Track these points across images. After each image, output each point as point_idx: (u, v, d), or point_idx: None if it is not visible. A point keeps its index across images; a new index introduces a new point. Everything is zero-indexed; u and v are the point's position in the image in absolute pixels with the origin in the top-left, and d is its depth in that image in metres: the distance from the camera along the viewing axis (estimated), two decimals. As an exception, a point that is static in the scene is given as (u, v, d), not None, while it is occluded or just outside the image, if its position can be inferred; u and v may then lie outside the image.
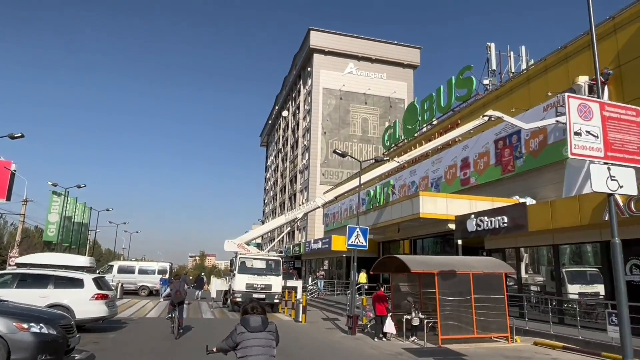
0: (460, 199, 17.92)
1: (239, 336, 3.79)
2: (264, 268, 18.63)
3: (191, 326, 13.63)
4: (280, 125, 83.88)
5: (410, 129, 31.00)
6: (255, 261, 18.63)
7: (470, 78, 24.52)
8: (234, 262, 18.66)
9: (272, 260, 19.12)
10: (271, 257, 19.45)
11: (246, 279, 17.83)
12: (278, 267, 19.04)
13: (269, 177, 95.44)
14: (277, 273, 18.69)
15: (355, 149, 63.13)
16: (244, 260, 18.48)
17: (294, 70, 74.01)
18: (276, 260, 19.25)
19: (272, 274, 18.44)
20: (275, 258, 19.54)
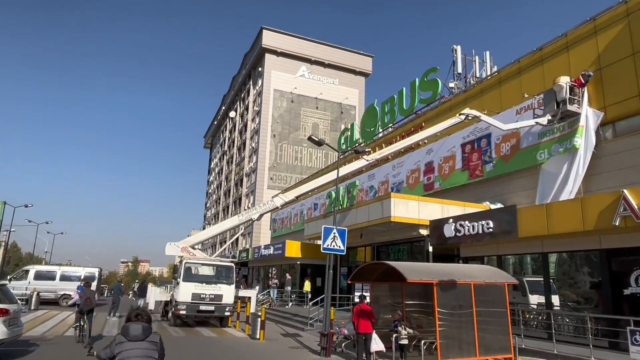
0: (432, 203, 16.71)
1: (117, 346, 3.53)
2: (214, 275, 16.26)
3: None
4: (227, 127, 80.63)
5: (369, 132, 29.82)
6: (204, 267, 16.22)
7: (435, 80, 23.71)
8: (178, 268, 16.19)
9: (223, 267, 16.86)
10: (222, 263, 17.20)
11: (192, 287, 15.40)
12: (230, 274, 16.73)
13: (212, 180, 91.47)
14: (229, 281, 16.39)
15: (305, 153, 61.63)
16: (190, 266, 16.06)
17: (243, 69, 71.43)
18: (228, 267, 16.95)
19: (223, 282, 16.11)
20: (226, 264, 17.25)
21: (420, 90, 24.86)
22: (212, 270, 16.32)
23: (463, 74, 24.05)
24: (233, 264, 16.97)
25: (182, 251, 17.86)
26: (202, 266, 16.17)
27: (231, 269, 16.79)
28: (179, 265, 16.27)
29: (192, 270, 15.84)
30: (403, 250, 18.32)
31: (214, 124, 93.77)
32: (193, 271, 15.87)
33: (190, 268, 15.83)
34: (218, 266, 16.73)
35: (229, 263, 17.01)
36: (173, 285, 17.12)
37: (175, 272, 16.13)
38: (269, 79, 61.65)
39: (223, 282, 16.06)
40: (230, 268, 16.76)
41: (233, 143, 73.75)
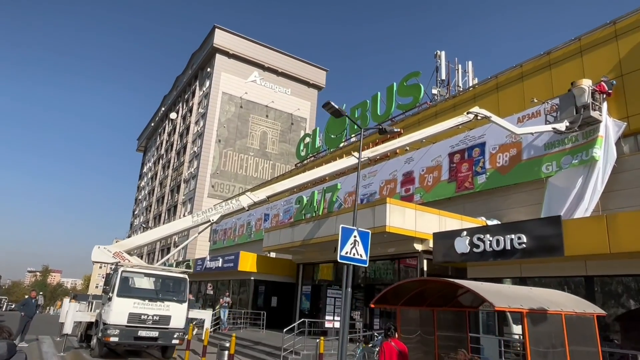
0: (430, 213, 14.38)
1: None
2: (160, 290, 12.48)
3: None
4: (166, 129, 74.94)
5: (335, 139, 27.38)
6: (147, 278, 12.42)
7: (417, 85, 21.86)
8: (111, 278, 12.20)
9: (173, 279, 12.94)
10: (172, 274, 13.26)
11: (130, 306, 11.42)
12: (182, 289, 12.71)
13: (144, 186, 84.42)
14: (179, 298, 12.43)
15: (251, 162, 58.09)
16: (129, 275, 12.11)
17: (190, 69, 66.90)
18: (179, 279, 12.96)
19: (173, 299, 12.23)
20: (178, 275, 13.18)
21: (399, 96, 22.92)
22: (158, 283, 12.57)
23: (446, 80, 22.50)
24: (186, 276, 13.34)
25: (115, 257, 13.97)
26: (146, 277, 12.39)
27: (183, 282, 13.06)
28: (113, 275, 12.37)
29: (130, 282, 12.00)
30: (387, 268, 15.73)
31: (150, 125, 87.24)
32: (132, 283, 12.02)
33: (128, 279, 11.95)
34: (166, 278, 12.93)
35: (180, 274, 13.44)
36: (102, 302, 13.09)
37: (107, 283, 12.19)
38: (218, 81, 57.85)
39: (172, 300, 12.20)
40: (182, 281, 13.03)
41: (172, 146, 68.34)
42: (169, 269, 13.44)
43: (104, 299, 12.73)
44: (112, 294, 11.68)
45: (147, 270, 12.85)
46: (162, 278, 12.89)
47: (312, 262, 19.32)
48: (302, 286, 20.09)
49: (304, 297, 19.83)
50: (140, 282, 12.24)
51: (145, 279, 12.38)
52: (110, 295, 11.85)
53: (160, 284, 12.62)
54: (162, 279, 12.85)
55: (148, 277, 12.46)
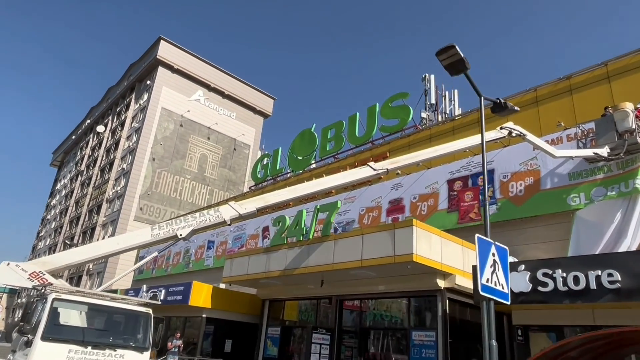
0: (454, 242, 11.97)
1: None
2: (108, 330, 8.47)
3: None
4: (89, 143, 67.56)
5: (301, 161, 24.65)
6: (89, 312, 8.36)
7: (405, 107, 19.99)
8: (31, 312, 7.96)
9: (131, 314, 8.99)
10: (129, 306, 9.20)
11: (63, 356, 7.33)
12: (143, 330, 8.74)
13: (55, 204, 74.79)
14: (139, 344, 8.51)
15: (187, 186, 53.21)
16: (63, 307, 7.96)
17: (125, 81, 61.41)
18: (139, 315, 8.99)
19: (130, 345, 8.30)
20: (137, 309, 9.19)
21: (382, 117, 20.93)
22: (107, 320, 8.53)
23: (440, 103, 21.00)
24: (149, 308, 9.29)
25: (32, 279, 9.83)
26: (89, 309, 8.30)
27: (145, 319, 8.96)
28: (34, 305, 8.24)
29: (64, 317, 7.97)
30: (392, 308, 12.89)
31: (71, 138, 78.61)
32: (67, 319, 7.95)
33: (60, 312, 8.00)
34: (121, 312, 8.84)
35: (141, 307, 9.26)
36: (12, 347, 8.52)
37: (24, 318, 7.84)
38: (158, 95, 53.24)
39: (128, 346, 8.26)
40: (142, 318, 8.91)
41: (95, 162, 61.29)
42: (125, 299, 9.36)
43: (16, 344, 8.33)
44: (34, 335, 7.45)
45: (94, 300, 8.59)
46: (114, 312, 8.77)
47: (286, 297, 15.97)
48: (267, 327, 16.53)
49: (270, 342, 16.24)
50: (78, 318, 8.20)
51: (87, 313, 8.32)
52: (28, 338, 7.54)
53: (109, 321, 8.60)
54: (113, 314, 8.78)
55: (93, 310, 8.40)
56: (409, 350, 11.71)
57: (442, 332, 11.00)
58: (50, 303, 7.83)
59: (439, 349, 11.01)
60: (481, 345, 6.34)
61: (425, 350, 11.35)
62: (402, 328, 12.52)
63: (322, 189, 11.73)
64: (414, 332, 11.80)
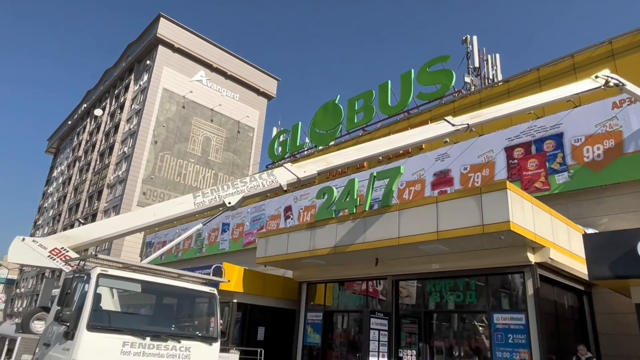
0: (545, 211, 10.31)
1: None
2: (169, 317, 6.70)
3: None
4: (86, 127, 65.20)
5: (325, 135, 22.89)
6: (143, 292, 6.40)
7: (447, 71, 18.24)
8: (67, 295, 5.74)
9: (195, 295, 7.09)
10: (196, 286, 7.14)
11: (116, 351, 5.39)
12: (208, 314, 6.93)
13: (52, 192, 72.60)
14: (207, 333, 6.69)
15: (191, 170, 51.27)
16: (113, 286, 6.12)
17: (123, 62, 58.98)
18: (204, 297, 7.12)
19: (196, 335, 6.48)
20: (201, 288, 7.19)
21: (419, 83, 19.14)
22: (166, 304, 6.77)
23: (482, 68, 19.20)
24: (213, 287, 7.49)
25: (54, 257, 8.09)
26: (143, 288, 6.36)
27: (212, 301, 7.12)
28: (71, 286, 5.94)
29: (112, 301, 6.24)
30: (459, 288, 11.21)
31: (67, 124, 76.10)
32: (116, 303, 6.29)
33: (107, 294, 6.08)
34: (181, 291, 6.87)
35: (207, 287, 7.24)
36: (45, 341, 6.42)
37: (62, 301, 5.80)
38: (159, 76, 50.98)
39: (194, 336, 6.45)
40: (209, 300, 7.11)
41: (93, 147, 59.09)
42: (185, 275, 7.21)
43: (51, 336, 6.29)
44: (75, 324, 5.53)
45: (150, 276, 6.50)
46: (173, 293, 6.81)
47: (328, 279, 14.31)
48: (306, 312, 14.90)
49: (311, 328, 14.63)
50: (130, 300, 6.41)
51: (140, 294, 6.47)
52: (69, 329, 5.60)
53: (166, 304, 6.81)
54: (172, 295, 6.87)
55: (148, 290, 6.47)
56: (491, 335, 10.10)
57: (536, 314, 9.37)
58: (95, 281, 5.78)
59: (531, 333, 9.41)
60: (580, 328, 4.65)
61: (513, 335, 9.75)
62: (478, 310, 10.91)
63: (394, 148, 9.97)
64: (496, 315, 10.18)
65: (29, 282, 66.91)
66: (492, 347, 10.01)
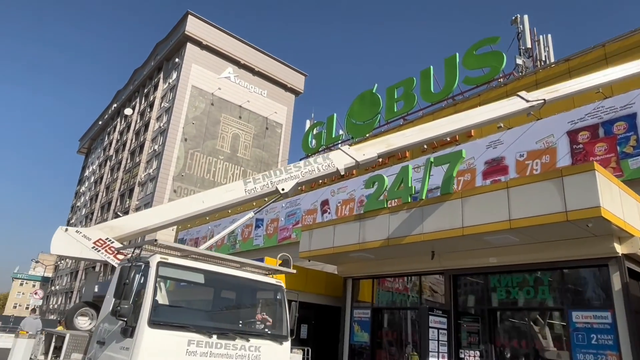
0: (631, 196, 9.22)
1: None
2: (234, 313, 5.90)
3: None
4: (117, 127, 66.08)
5: (363, 126, 21.99)
6: (205, 283, 5.54)
7: (497, 53, 17.09)
8: (123, 285, 4.81)
9: (261, 287, 6.27)
10: (262, 278, 6.30)
11: (181, 351, 4.63)
12: (277, 309, 6.10)
13: (84, 191, 74.06)
14: (276, 331, 5.85)
15: (220, 167, 51.14)
16: (170, 274, 5.17)
17: (152, 60, 59.40)
18: (271, 290, 6.33)
19: (265, 333, 5.67)
20: (270, 281, 6.36)
21: (465, 67, 18.05)
22: (224, 294, 6.02)
23: (533, 49, 17.95)
24: (281, 281, 6.88)
25: (98, 248, 7.53)
26: (206, 278, 5.54)
27: (279, 295, 6.36)
28: (131, 271, 4.98)
29: (173, 293, 5.43)
30: (527, 283, 10.18)
31: (97, 124, 77.47)
32: (177, 296, 5.54)
33: (165, 283, 5.25)
34: (246, 283, 6.06)
35: (272, 279, 6.47)
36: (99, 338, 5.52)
37: (119, 293, 4.78)
38: (188, 73, 51.01)
39: (263, 334, 5.71)
40: (276, 293, 6.35)
41: (124, 146, 59.75)
42: (252, 265, 6.32)
43: (105, 333, 5.49)
44: (135, 319, 4.83)
45: (213, 266, 5.68)
46: (238, 284, 5.97)
47: (377, 274, 13.45)
48: (352, 310, 14.09)
49: (358, 326, 13.81)
50: (189, 292, 5.70)
51: (202, 286, 5.64)
52: (127, 325, 4.86)
53: (230, 297, 6.09)
54: (236, 287, 6.07)
55: (211, 281, 5.63)
56: (569, 335, 9.06)
57: (625, 312, 8.29)
58: (155, 270, 5.04)
59: (620, 333, 8.33)
60: None
61: (597, 335, 8.69)
62: (553, 308, 9.85)
63: (460, 127, 9.03)
64: (575, 313, 9.13)
65: (63, 279, 68.40)
66: (572, 349, 8.97)
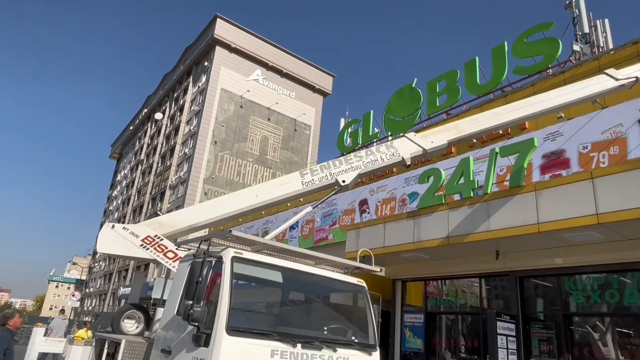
0: None
1: None
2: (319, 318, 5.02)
3: None
4: (147, 132, 66.94)
5: (402, 122, 21.04)
6: (284, 283, 4.79)
7: (552, 39, 15.93)
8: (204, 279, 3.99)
9: (343, 287, 5.45)
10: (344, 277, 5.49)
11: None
12: (362, 314, 5.27)
13: (116, 195, 75.33)
14: (364, 339, 4.97)
15: (249, 169, 50.92)
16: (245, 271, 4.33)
17: (181, 65, 59.88)
18: (354, 291, 5.52)
19: (352, 342, 4.79)
20: (352, 281, 5.54)
21: (515, 56, 16.95)
22: (303, 295, 5.19)
23: (591, 34, 16.74)
24: (361, 279, 5.93)
25: (147, 246, 6.96)
26: (285, 278, 4.73)
27: (363, 296, 5.54)
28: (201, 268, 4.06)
29: (250, 293, 4.72)
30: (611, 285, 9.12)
31: (128, 129, 78.80)
32: (254, 297, 4.82)
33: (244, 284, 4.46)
34: (327, 283, 5.22)
35: (352, 278, 5.62)
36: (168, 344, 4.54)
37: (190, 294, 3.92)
38: (217, 76, 51.07)
39: (351, 343, 4.81)
40: (359, 295, 5.54)
41: (155, 150, 60.38)
42: (333, 261, 5.58)
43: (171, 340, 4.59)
44: (210, 325, 4.01)
45: (292, 262, 5.03)
46: (317, 284, 5.19)
47: (430, 275, 12.54)
48: (402, 314, 13.20)
49: (410, 332, 12.90)
50: (263, 295, 4.93)
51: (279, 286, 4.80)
52: (198, 330, 4.02)
53: (311, 302, 5.34)
54: (319, 290, 5.34)
55: (289, 280, 4.89)
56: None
57: None
58: (230, 266, 4.24)
59: None
60: None
61: None
62: None
63: (543, 109, 8.08)
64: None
65: (97, 282, 69.61)
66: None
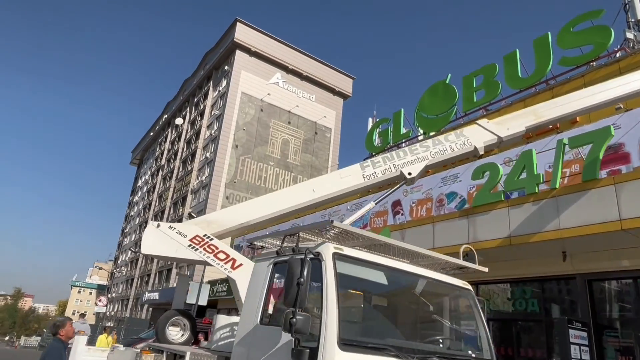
0: None
1: None
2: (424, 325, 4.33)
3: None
4: (168, 137, 67.17)
5: (436, 120, 20.22)
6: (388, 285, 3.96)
7: (603, 27, 14.99)
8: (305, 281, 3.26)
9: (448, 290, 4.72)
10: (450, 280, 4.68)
11: None
12: (472, 322, 4.39)
13: (137, 201, 75.73)
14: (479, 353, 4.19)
15: (271, 173, 50.47)
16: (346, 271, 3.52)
17: (201, 70, 59.95)
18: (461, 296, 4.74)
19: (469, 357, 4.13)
20: (459, 284, 4.77)
21: (560, 47, 16.02)
22: (407, 300, 4.43)
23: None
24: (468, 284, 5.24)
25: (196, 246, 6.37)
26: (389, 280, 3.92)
27: (472, 302, 4.65)
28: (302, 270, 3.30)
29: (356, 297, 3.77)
30: None
31: (149, 135, 79.32)
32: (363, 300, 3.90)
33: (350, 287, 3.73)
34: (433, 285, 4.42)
35: (458, 280, 4.82)
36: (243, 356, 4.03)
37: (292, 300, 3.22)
38: (237, 80, 50.86)
39: (470, 358, 4.19)
40: (467, 300, 4.69)
41: (175, 155, 60.48)
42: (438, 258, 4.77)
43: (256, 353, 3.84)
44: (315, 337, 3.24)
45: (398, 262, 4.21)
46: (426, 289, 4.47)
47: (485, 279, 11.68)
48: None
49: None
50: (374, 300, 4.18)
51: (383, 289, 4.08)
52: (298, 343, 3.22)
53: (415, 308, 4.61)
54: (425, 294, 4.55)
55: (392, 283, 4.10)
56: None
57: None
58: (332, 266, 3.51)
59: None
60: None
61: None
62: None
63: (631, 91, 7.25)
64: None
65: (119, 287, 69.92)
66: None
